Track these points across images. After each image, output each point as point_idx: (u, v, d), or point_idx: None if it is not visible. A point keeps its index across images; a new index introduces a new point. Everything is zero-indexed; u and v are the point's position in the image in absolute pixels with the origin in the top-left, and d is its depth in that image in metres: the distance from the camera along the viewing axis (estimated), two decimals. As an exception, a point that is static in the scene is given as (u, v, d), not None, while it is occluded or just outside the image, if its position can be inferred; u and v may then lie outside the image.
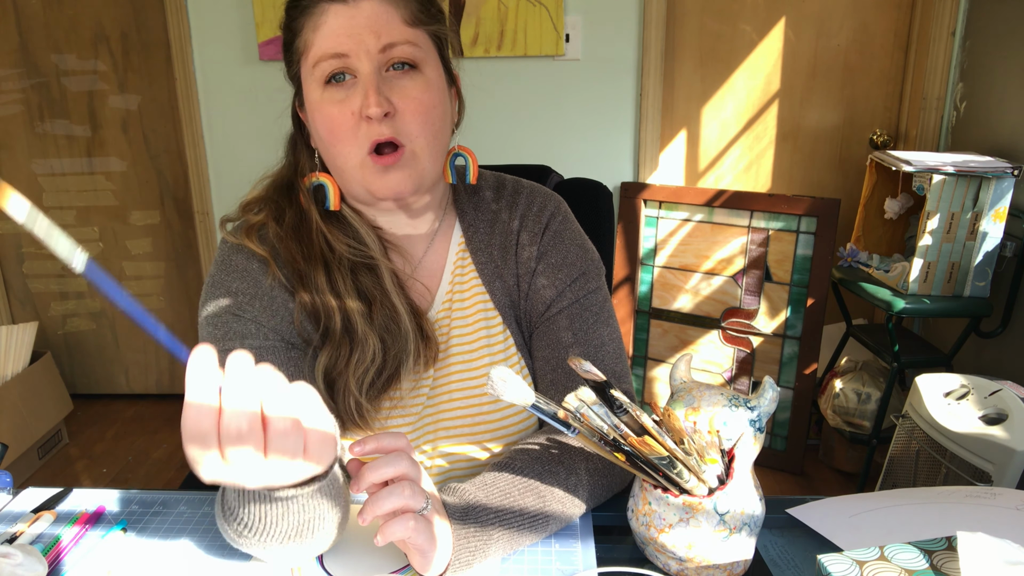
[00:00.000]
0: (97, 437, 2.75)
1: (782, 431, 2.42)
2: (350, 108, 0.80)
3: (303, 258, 0.86)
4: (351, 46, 0.79)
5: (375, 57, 0.80)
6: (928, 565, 0.62)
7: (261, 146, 2.56)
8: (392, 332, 0.86)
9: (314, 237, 0.86)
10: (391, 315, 0.86)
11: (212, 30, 2.48)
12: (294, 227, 0.87)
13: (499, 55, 2.42)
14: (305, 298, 0.85)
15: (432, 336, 0.89)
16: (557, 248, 0.93)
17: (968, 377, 1.68)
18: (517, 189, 0.97)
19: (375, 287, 0.87)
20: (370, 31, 0.79)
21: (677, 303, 2.52)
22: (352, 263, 0.87)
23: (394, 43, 0.80)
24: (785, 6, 2.45)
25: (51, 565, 0.75)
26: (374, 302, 0.86)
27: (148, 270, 2.88)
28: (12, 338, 2.49)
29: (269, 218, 0.88)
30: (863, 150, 2.54)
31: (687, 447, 0.69)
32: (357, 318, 0.84)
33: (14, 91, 2.71)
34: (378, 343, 0.85)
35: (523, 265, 0.93)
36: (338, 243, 0.87)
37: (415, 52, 0.82)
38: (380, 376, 0.86)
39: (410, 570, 0.73)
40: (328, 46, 0.80)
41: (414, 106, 0.81)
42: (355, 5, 0.80)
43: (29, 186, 2.79)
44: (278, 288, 0.86)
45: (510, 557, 0.75)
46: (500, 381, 0.65)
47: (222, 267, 0.87)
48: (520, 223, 0.94)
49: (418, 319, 0.88)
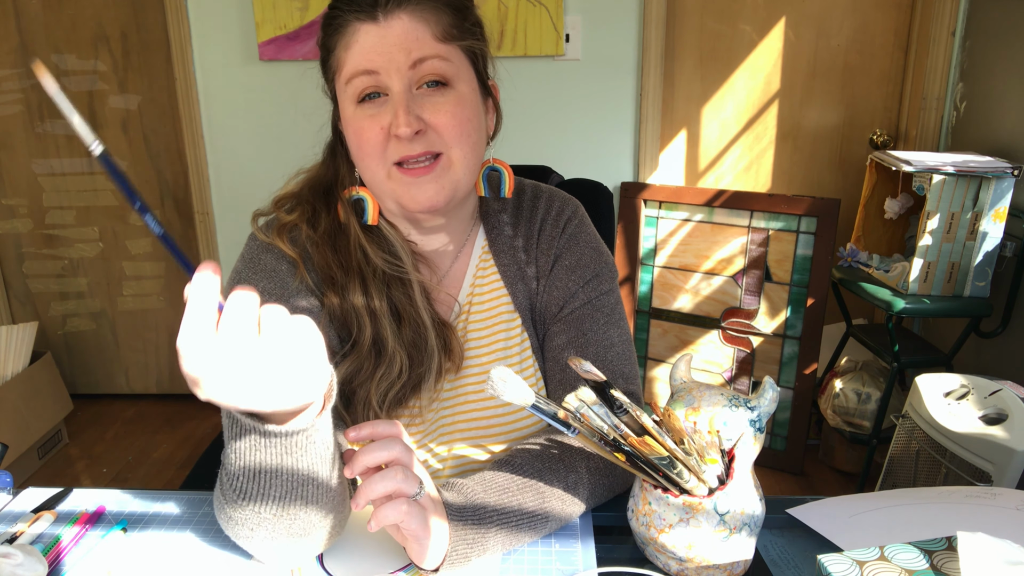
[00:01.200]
0: (97, 437, 2.75)
1: (782, 431, 2.42)
2: (380, 124, 0.81)
3: (338, 266, 0.86)
4: (381, 63, 0.80)
5: (406, 74, 0.80)
6: (928, 565, 0.62)
7: (261, 146, 2.57)
8: (419, 348, 0.87)
9: (352, 249, 0.87)
10: (419, 331, 0.87)
11: (212, 30, 2.48)
12: (330, 235, 0.87)
13: (499, 55, 2.41)
14: (335, 303, 0.85)
15: (456, 349, 0.90)
16: (572, 250, 0.95)
17: (968, 377, 1.68)
18: (536, 194, 0.98)
19: (407, 302, 0.87)
20: (400, 48, 0.80)
21: (677, 303, 2.52)
22: (387, 276, 0.87)
23: (424, 58, 0.80)
24: (785, 6, 2.45)
25: (51, 565, 0.75)
26: (404, 317, 0.87)
27: (148, 270, 2.88)
28: (12, 338, 2.49)
29: (302, 220, 0.88)
30: (863, 150, 2.54)
31: (687, 447, 0.69)
32: (388, 334, 0.85)
33: (14, 91, 2.71)
34: (406, 360, 0.86)
35: (542, 268, 0.95)
36: (375, 256, 0.87)
37: (446, 67, 0.82)
38: (403, 389, 0.87)
39: (410, 570, 0.73)
40: (359, 63, 0.81)
41: (446, 119, 0.82)
42: (386, 24, 0.80)
43: (29, 186, 2.79)
44: (304, 292, 0.86)
45: (510, 557, 0.75)
46: (500, 381, 0.65)
47: (250, 265, 0.87)
48: (540, 226, 0.95)
49: (444, 333, 0.89)
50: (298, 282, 0.86)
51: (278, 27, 2.42)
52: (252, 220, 0.91)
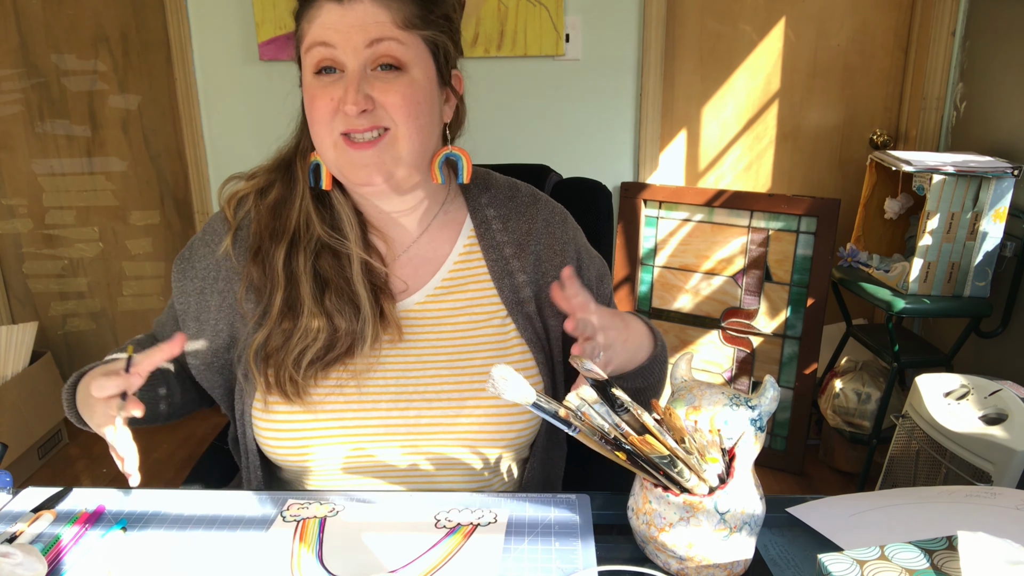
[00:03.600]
0: (97, 437, 2.72)
1: (782, 431, 2.42)
2: (331, 96, 0.85)
3: (270, 234, 0.92)
4: (338, 40, 0.84)
5: (361, 53, 0.84)
6: (928, 565, 0.62)
7: (261, 146, 2.54)
8: (346, 315, 0.90)
9: (294, 215, 0.92)
10: (349, 299, 0.90)
11: (212, 30, 2.48)
12: (275, 203, 0.93)
13: (499, 55, 2.42)
14: (254, 273, 0.92)
15: (393, 319, 0.93)
16: (593, 263, 1.02)
17: (968, 377, 1.68)
18: (535, 199, 1.01)
19: (336, 272, 0.91)
20: (358, 28, 0.83)
21: (677, 303, 2.52)
22: (321, 245, 0.92)
23: (380, 39, 0.83)
24: (785, 6, 2.45)
25: (51, 565, 0.75)
26: (329, 285, 0.91)
27: (148, 270, 2.88)
28: (12, 338, 2.49)
29: (254, 190, 0.95)
30: (863, 150, 2.54)
31: (688, 446, 0.69)
32: (306, 298, 0.89)
33: (14, 91, 2.70)
34: (324, 323, 0.89)
35: (546, 272, 0.97)
36: (318, 226, 0.92)
37: (402, 52, 0.85)
38: (327, 354, 0.90)
39: (410, 569, 0.73)
40: (318, 35, 0.85)
41: (395, 99, 0.85)
42: (349, 5, 0.84)
43: (29, 186, 2.78)
44: (227, 260, 0.94)
45: (510, 556, 0.75)
46: (501, 380, 0.65)
47: (204, 227, 0.98)
48: (543, 234, 0.98)
49: (381, 303, 0.92)
50: (223, 252, 0.94)
51: (278, 27, 2.42)
52: (223, 183, 0.99)
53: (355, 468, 0.93)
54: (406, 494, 0.87)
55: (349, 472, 0.93)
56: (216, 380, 0.97)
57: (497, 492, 0.90)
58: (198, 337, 0.95)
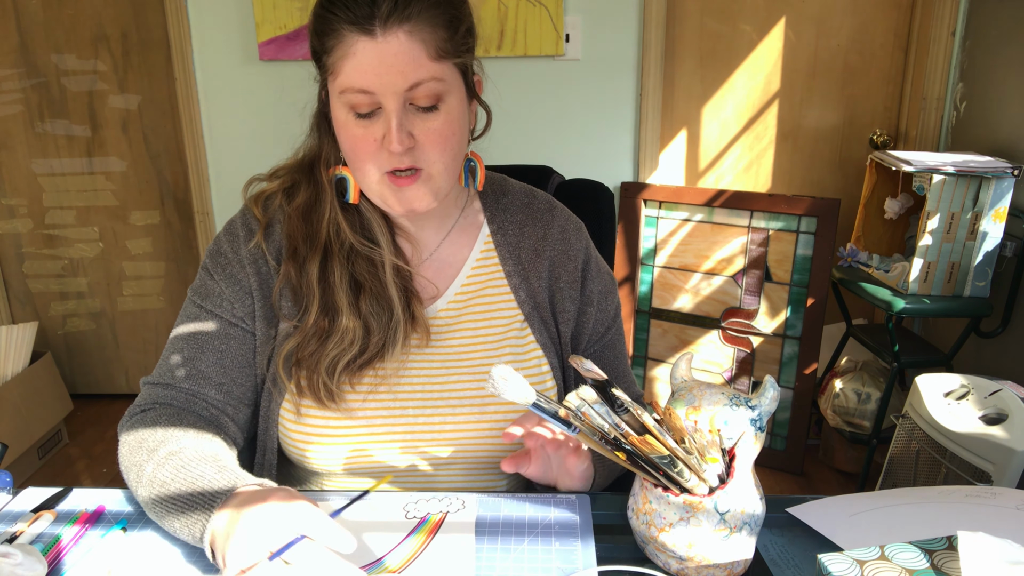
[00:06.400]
0: (97, 437, 2.75)
1: (782, 431, 2.42)
2: (373, 135, 0.84)
3: (304, 239, 0.91)
4: (378, 86, 0.82)
5: (401, 96, 0.83)
6: (929, 564, 0.62)
7: (261, 146, 2.56)
8: (380, 319, 0.91)
9: (325, 224, 0.92)
10: (382, 303, 0.91)
11: (212, 30, 2.48)
12: (304, 208, 0.93)
13: (499, 55, 2.42)
14: (292, 273, 0.91)
15: (423, 322, 0.94)
16: (600, 278, 1.02)
17: (968, 377, 1.68)
18: (551, 207, 1.03)
19: (371, 277, 0.92)
20: (397, 71, 0.81)
21: (677, 303, 2.52)
22: (354, 252, 0.92)
23: (420, 82, 0.82)
24: (785, 6, 2.45)
25: (51, 565, 0.75)
26: (363, 290, 0.91)
27: (148, 270, 2.88)
28: (12, 338, 2.49)
29: (281, 189, 0.95)
30: (863, 150, 2.54)
31: (688, 446, 0.69)
32: (343, 304, 0.90)
33: (14, 91, 2.70)
34: (360, 329, 0.90)
35: (558, 278, 0.99)
36: (350, 235, 0.92)
37: (440, 88, 0.84)
38: (360, 357, 0.90)
39: (378, 567, 0.73)
40: (355, 81, 0.82)
41: (434, 138, 0.85)
42: (384, 40, 0.81)
43: (29, 186, 2.78)
44: (260, 255, 0.92)
45: (510, 556, 0.75)
46: (501, 379, 0.65)
47: (227, 226, 0.96)
48: (558, 240, 1.00)
49: (412, 307, 0.93)
50: (254, 245, 0.92)
51: (278, 27, 2.42)
52: (245, 185, 0.97)
53: (379, 470, 0.93)
54: (393, 493, 0.87)
55: (369, 476, 0.94)
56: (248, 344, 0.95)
57: (505, 492, 0.90)
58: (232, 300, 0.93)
